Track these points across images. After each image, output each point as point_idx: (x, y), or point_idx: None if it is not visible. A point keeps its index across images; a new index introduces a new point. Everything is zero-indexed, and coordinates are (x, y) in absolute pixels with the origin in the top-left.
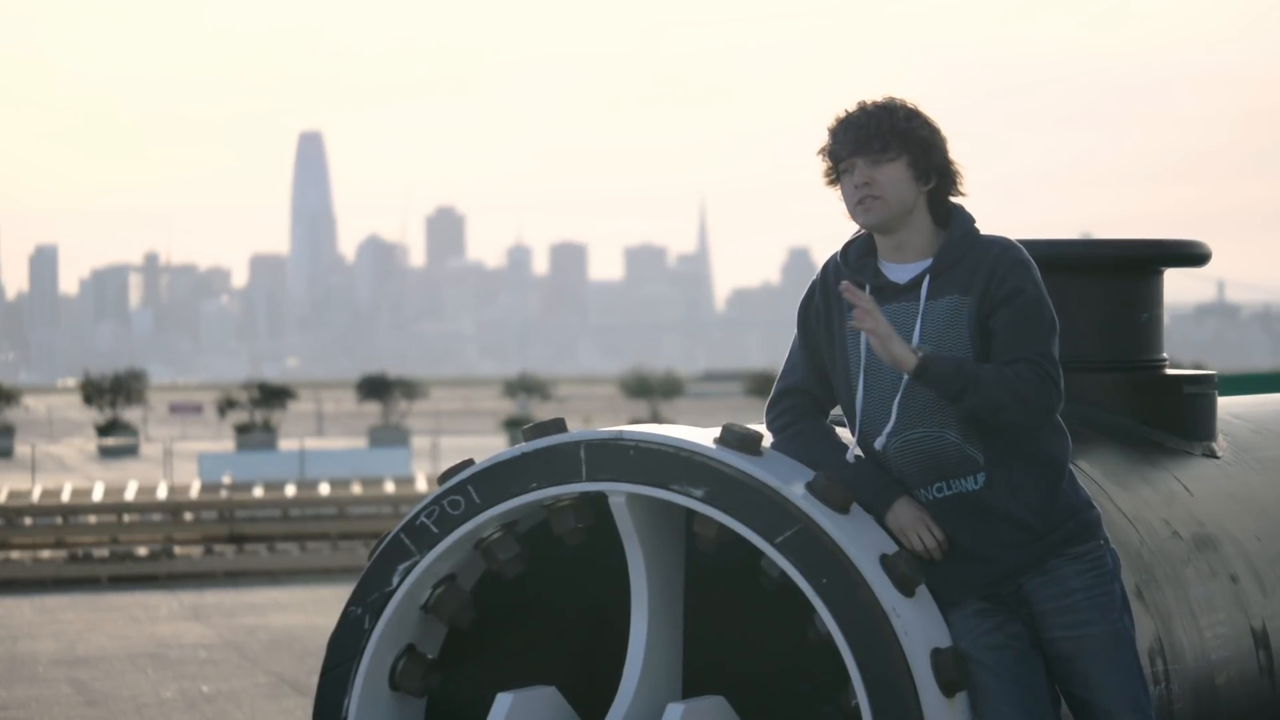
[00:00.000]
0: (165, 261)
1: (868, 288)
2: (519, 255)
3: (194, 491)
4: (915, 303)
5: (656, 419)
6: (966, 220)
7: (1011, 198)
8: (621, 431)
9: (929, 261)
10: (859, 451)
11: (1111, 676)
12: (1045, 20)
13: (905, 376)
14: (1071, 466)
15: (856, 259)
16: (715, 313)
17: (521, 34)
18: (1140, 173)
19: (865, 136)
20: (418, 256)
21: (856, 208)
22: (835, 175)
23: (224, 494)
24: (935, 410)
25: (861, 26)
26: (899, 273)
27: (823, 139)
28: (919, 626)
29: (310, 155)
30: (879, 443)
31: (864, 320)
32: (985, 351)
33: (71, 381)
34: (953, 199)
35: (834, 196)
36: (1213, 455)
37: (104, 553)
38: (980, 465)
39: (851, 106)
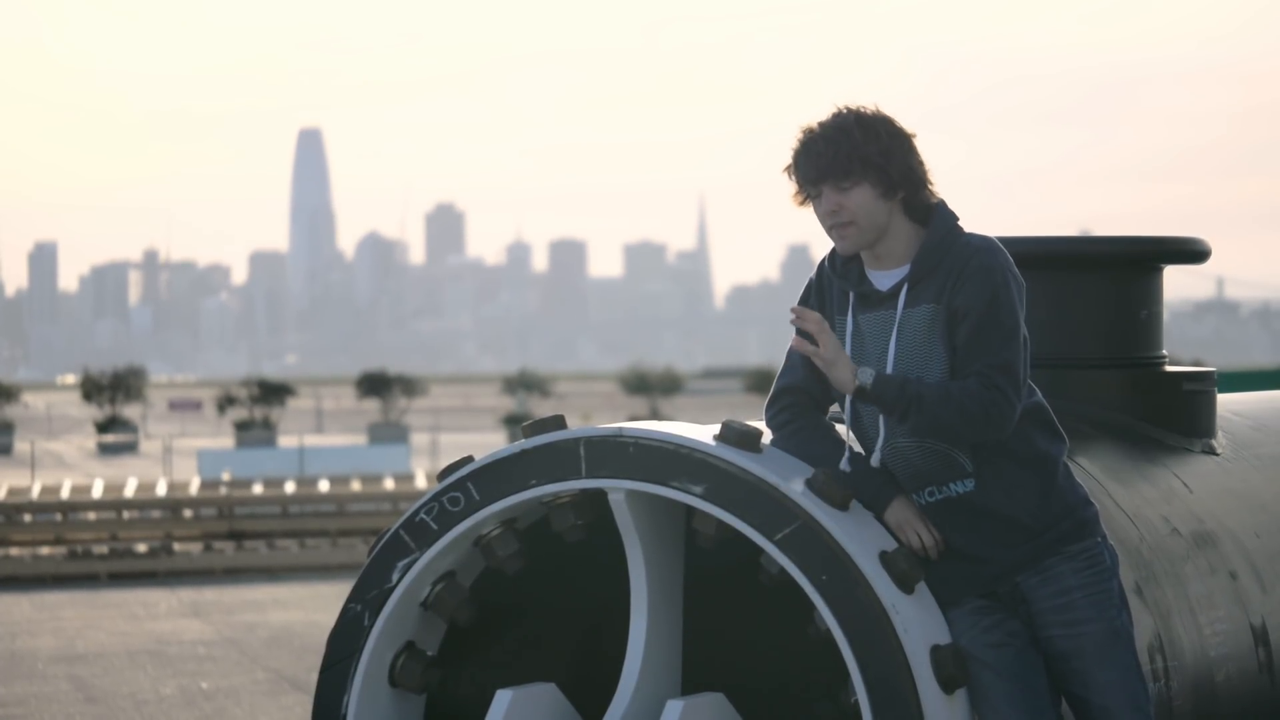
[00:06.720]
0: (164, 258)
1: (852, 295)
2: (518, 252)
3: (193, 488)
4: (894, 311)
5: (656, 416)
6: (946, 221)
7: (1005, 195)
8: (621, 428)
9: (908, 268)
10: (859, 449)
11: (1109, 674)
12: (1041, 16)
13: None
14: (1070, 464)
15: (844, 263)
16: (714, 309)
17: (521, 31)
18: (1135, 170)
19: (826, 164)
20: (417, 253)
21: (832, 232)
22: (805, 198)
23: (223, 491)
24: None
25: (860, 23)
26: (882, 279)
27: (787, 160)
28: (918, 623)
29: (310, 152)
30: (872, 456)
31: (808, 344)
32: None
33: (71, 378)
34: (929, 198)
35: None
36: (1212, 452)
37: (103, 549)
38: (968, 470)
39: (810, 125)
